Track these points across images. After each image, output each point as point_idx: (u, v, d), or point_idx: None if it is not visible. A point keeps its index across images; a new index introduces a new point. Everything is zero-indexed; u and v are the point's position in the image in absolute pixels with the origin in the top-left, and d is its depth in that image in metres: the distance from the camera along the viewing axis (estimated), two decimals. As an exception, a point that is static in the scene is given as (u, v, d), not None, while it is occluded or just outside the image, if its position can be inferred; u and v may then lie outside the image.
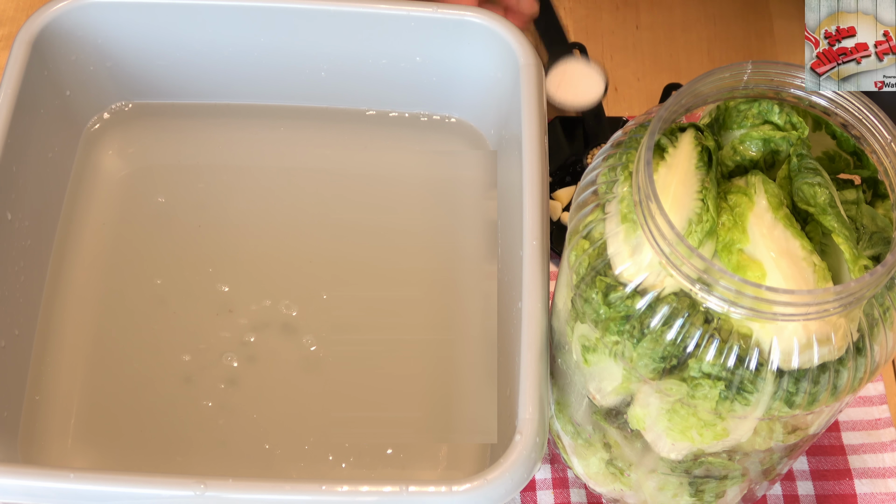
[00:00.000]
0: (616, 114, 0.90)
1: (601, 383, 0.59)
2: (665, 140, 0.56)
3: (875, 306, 0.54)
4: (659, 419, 0.57)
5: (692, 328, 0.52)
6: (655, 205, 0.51)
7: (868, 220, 0.56)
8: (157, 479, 0.60)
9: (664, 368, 0.54)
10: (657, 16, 0.96)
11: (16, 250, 0.72)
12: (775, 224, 0.53)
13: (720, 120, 0.58)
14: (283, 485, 0.59)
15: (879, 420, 0.76)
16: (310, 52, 0.80)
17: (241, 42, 0.79)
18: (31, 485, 0.59)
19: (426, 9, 0.77)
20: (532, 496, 0.73)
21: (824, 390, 0.53)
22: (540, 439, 0.60)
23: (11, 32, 0.75)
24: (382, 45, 0.79)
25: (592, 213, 0.57)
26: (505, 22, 0.77)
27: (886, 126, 0.54)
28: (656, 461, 0.62)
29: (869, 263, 0.53)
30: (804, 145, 0.56)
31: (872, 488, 0.74)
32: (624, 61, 0.93)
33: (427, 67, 0.81)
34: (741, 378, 0.52)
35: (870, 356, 0.54)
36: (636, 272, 0.54)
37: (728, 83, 0.56)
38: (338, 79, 0.82)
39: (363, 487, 0.59)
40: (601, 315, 0.55)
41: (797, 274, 0.52)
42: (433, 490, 0.59)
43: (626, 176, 0.56)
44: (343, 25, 0.78)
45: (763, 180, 0.55)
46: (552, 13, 0.90)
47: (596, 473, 0.68)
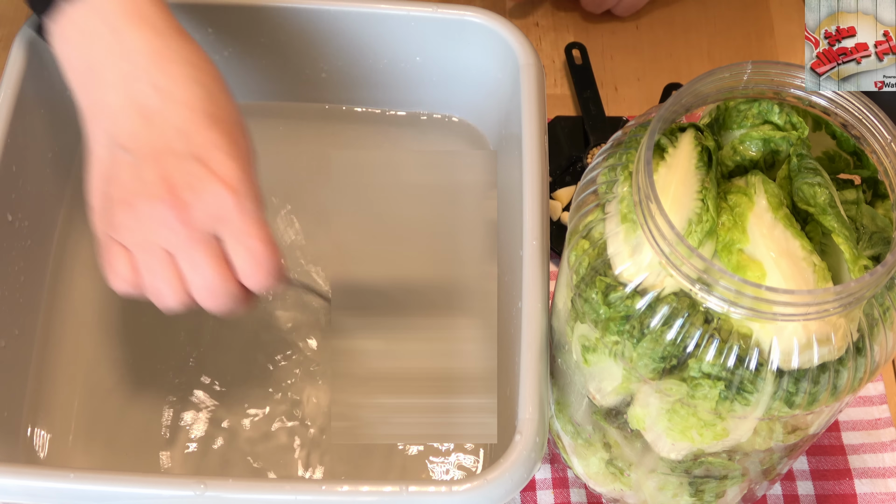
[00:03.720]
0: (616, 114, 0.90)
1: (601, 383, 0.59)
2: (665, 140, 0.56)
3: (875, 306, 0.54)
4: (659, 419, 0.57)
5: (692, 328, 0.52)
6: (655, 205, 0.51)
7: (868, 220, 0.56)
8: (157, 479, 0.60)
9: (664, 368, 0.54)
10: (657, 16, 0.96)
11: (16, 251, 0.72)
12: (775, 224, 0.53)
13: (720, 120, 0.58)
14: (283, 485, 0.59)
15: (879, 420, 0.76)
16: (310, 52, 0.80)
17: (241, 42, 0.79)
18: (31, 485, 0.59)
19: (426, 9, 0.77)
20: (532, 496, 0.73)
21: (824, 390, 0.53)
22: (540, 439, 0.60)
23: (11, 32, 0.75)
24: (382, 45, 0.79)
25: (592, 213, 0.57)
26: (505, 22, 0.77)
27: (886, 126, 0.54)
28: (656, 461, 0.62)
29: (869, 263, 0.53)
30: (804, 145, 0.56)
31: (872, 488, 0.74)
32: (624, 61, 0.93)
33: (427, 67, 0.81)
34: (741, 378, 0.52)
35: (870, 356, 0.54)
36: (636, 272, 0.54)
37: (728, 83, 0.56)
38: (338, 79, 0.82)
39: (363, 487, 0.59)
40: (601, 315, 0.55)
41: (797, 274, 0.52)
42: (433, 490, 0.59)
43: (626, 176, 0.56)
44: (343, 25, 0.78)
45: (763, 180, 0.55)
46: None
47: (596, 473, 0.68)
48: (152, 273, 0.60)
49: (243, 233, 0.60)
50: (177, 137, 0.60)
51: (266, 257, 0.60)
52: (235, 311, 0.62)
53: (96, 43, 0.61)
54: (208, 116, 0.61)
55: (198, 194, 0.59)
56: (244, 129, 0.63)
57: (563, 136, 0.88)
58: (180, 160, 0.59)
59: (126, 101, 0.61)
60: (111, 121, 0.61)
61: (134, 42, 0.61)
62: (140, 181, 0.59)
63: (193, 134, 0.60)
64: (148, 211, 0.59)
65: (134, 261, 0.61)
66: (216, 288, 0.60)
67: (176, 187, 0.59)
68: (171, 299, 0.61)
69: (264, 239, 0.60)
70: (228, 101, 0.63)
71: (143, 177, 0.59)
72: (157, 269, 0.60)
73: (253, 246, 0.60)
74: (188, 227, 0.59)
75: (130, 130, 0.60)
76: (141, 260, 0.60)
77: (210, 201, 0.59)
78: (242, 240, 0.60)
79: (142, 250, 0.60)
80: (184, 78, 0.61)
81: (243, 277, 0.61)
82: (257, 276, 0.61)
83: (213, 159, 0.60)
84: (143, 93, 0.60)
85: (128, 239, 0.60)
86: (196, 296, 0.61)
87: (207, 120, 0.61)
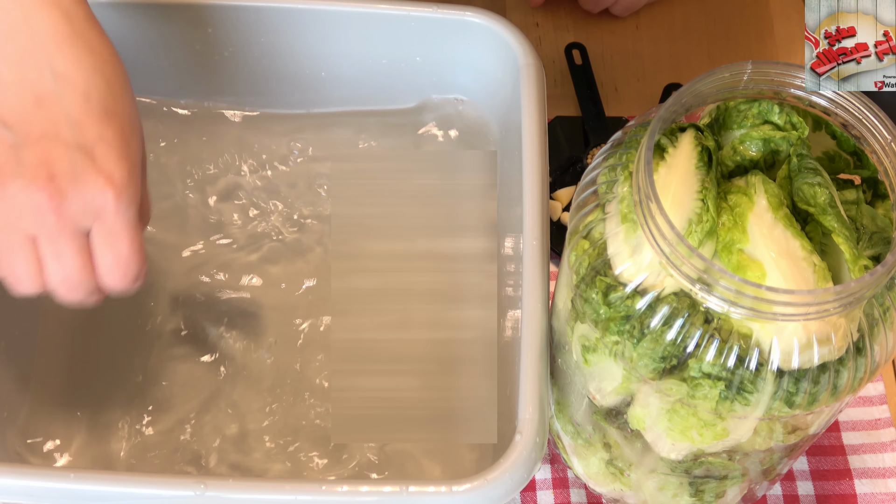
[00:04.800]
0: (616, 114, 0.90)
1: (601, 383, 0.59)
2: (665, 140, 0.56)
3: (875, 306, 0.54)
4: (659, 419, 0.57)
5: (692, 328, 0.52)
6: (655, 205, 0.51)
7: (868, 220, 0.56)
8: (157, 479, 0.60)
9: (664, 368, 0.54)
10: (657, 16, 0.96)
11: (16, 250, 0.72)
12: (775, 224, 0.53)
13: (720, 120, 0.58)
14: (283, 485, 0.59)
15: (879, 420, 0.76)
16: (310, 52, 0.80)
17: (241, 42, 0.79)
18: (31, 485, 0.59)
19: (426, 9, 0.77)
20: (532, 496, 0.73)
21: (824, 390, 0.53)
22: (540, 439, 0.60)
23: (11, 32, 0.75)
24: (382, 45, 0.79)
25: (592, 213, 0.57)
26: (505, 22, 0.77)
27: (886, 126, 0.54)
28: (656, 461, 0.62)
29: (869, 263, 0.53)
30: (804, 145, 0.56)
31: (872, 488, 0.74)
32: (624, 61, 0.93)
33: (427, 67, 0.81)
34: (741, 378, 0.52)
35: (870, 356, 0.54)
36: (636, 272, 0.54)
37: (728, 83, 0.56)
38: (338, 79, 0.82)
39: (363, 487, 0.59)
40: (601, 315, 0.55)
41: (797, 274, 0.52)
42: (433, 490, 0.58)
43: (626, 176, 0.56)
44: (343, 25, 0.78)
45: (763, 180, 0.55)
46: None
47: (596, 473, 0.68)
48: (11, 256, 0.59)
49: (113, 233, 0.59)
50: (67, 125, 0.59)
51: (130, 262, 0.60)
52: (85, 303, 0.62)
53: (3, 21, 0.59)
54: (104, 109, 0.59)
55: (77, 187, 0.58)
56: (138, 130, 0.62)
57: (563, 136, 0.88)
58: (66, 149, 0.58)
59: (19, 79, 0.59)
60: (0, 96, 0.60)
61: (41, 23, 0.59)
62: (17, 162, 0.58)
63: (85, 125, 0.59)
64: (20, 193, 0.58)
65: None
66: (76, 280, 0.60)
67: (56, 175, 0.58)
68: (26, 285, 0.60)
69: (132, 244, 0.60)
70: (127, 97, 0.62)
71: (21, 158, 0.58)
72: (17, 251, 0.59)
73: (120, 248, 0.60)
74: (59, 217, 0.58)
75: (19, 109, 0.59)
76: (2, 240, 0.59)
77: (88, 196, 0.58)
78: (111, 240, 0.59)
79: (4, 231, 0.59)
80: (86, 66, 0.60)
81: (103, 276, 0.60)
82: (117, 279, 0.60)
83: (101, 154, 0.59)
84: (39, 74, 0.59)
85: None
86: (52, 284, 0.60)
87: (102, 113, 0.59)
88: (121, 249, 0.60)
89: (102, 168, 0.58)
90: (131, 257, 0.60)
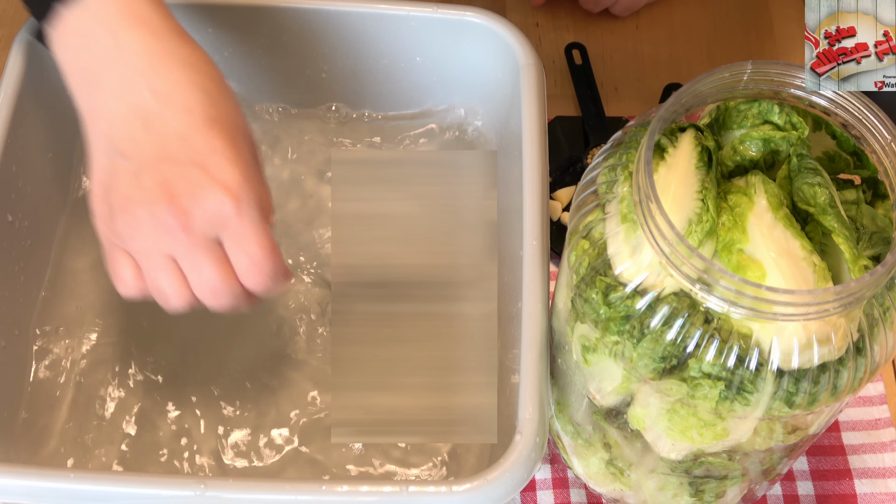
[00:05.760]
0: (616, 114, 0.90)
1: (601, 383, 0.59)
2: (665, 140, 0.56)
3: (875, 306, 0.54)
4: (659, 419, 0.57)
5: (692, 328, 0.52)
6: (655, 205, 0.51)
7: (868, 220, 0.56)
8: (157, 479, 0.60)
9: (664, 368, 0.54)
10: (657, 16, 0.96)
11: (16, 251, 0.72)
12: (775, 224, 0.53)
13: (720, 120, 0.58)
14: (283, 485, 0.59)
15: (879, 420, 0.76)
16: (310, 52, 0.80)
17: (241, 42, 0.79)
18: (31, 485, 0.59)
19: (426, 9, 0.77)
20: (532, 496, 0.73)
21: (824, 390, 0.53)
22: (540, 439, 0.60)
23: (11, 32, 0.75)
24: (382, 45, 0.79)
25: (592, 213, 0.57)
26: (505, 22, 0.77)
27: (886, 126, 0.54)
28: (656, 461, 0.62)
29: (869, 263, 0.53)
30: (804, 145, 0.56)
31: (872, 488, 0.74)
32: (624, 61, 0.93)
33: (427, 67, 0.81)
34: (741, 378, 0.52)
35: (870, 356, 0.54)
36: (636, 272, 0.54)
37: (728, 83, 0.56)
38: (338, 79, 0.82)
39: (363, 487, 0.59)
40: (601, 315, 0.55)
41: (797, 274, 0.52)
42: (433, 490, 0.59)
43: (626, 176, 0.56)
44: (343, 25, 0.78)
45: (763, 180, 0.55)
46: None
47: (596, 473, 0.68)
48: (156, 278, 0.61)
49: (242, 237, 0.60)
50: (176, 143, 0.60)
51: (265, 261, 0.61)
52: (238, 308, 0.63)
53: (94, 47, 0.61)
54: (208, 120, 0.61)
55: (197, 200, 0.59)
56: (246, 132, 0.64)
57: (563, 136, 0.88)
58: (180, 166, 0.60)
59: (125, 107, 0.61)
60: (111, 127, 0.61)
61: (132, 45, 0.61)
62: (139, 189, 0.60)
63: (193, 139, 0.60)
64: (148, 218, 0.60)
65: (138, 266, 0.62)
66: (218, 288, 0.61)
67: (175, 194, 0.59)
68: (175, 301, 0.62)
69: (263, 243, 0.61)
70: (229, 103, 0.63)
71: (142, 184, 0.60)
72: (160, 273, 0.61)
73: (252, 250, 0.61)
74: (189, 234, 0.60)
75: (130, 137, 0.61)
76: (144, 266, 0.61)
77: (209, 207, 0.59)
78: (242, 244, 0.61)
79: (145, 256, 0.61)
80: (182, 81, 0.61)
81: (244, 279, 0.62)
82: (257, 279, 0.62)
83: (213, 164, 0.60)
84: (141, 98, 0.60)
85: (131, 245, 0.61)
86: (199, 295, 0.62)
87: (207, 124, 0.61)
88: (252, 250, 0.61)
89: (217, 177, 0.60)
90: (264, 256, 0.61)
